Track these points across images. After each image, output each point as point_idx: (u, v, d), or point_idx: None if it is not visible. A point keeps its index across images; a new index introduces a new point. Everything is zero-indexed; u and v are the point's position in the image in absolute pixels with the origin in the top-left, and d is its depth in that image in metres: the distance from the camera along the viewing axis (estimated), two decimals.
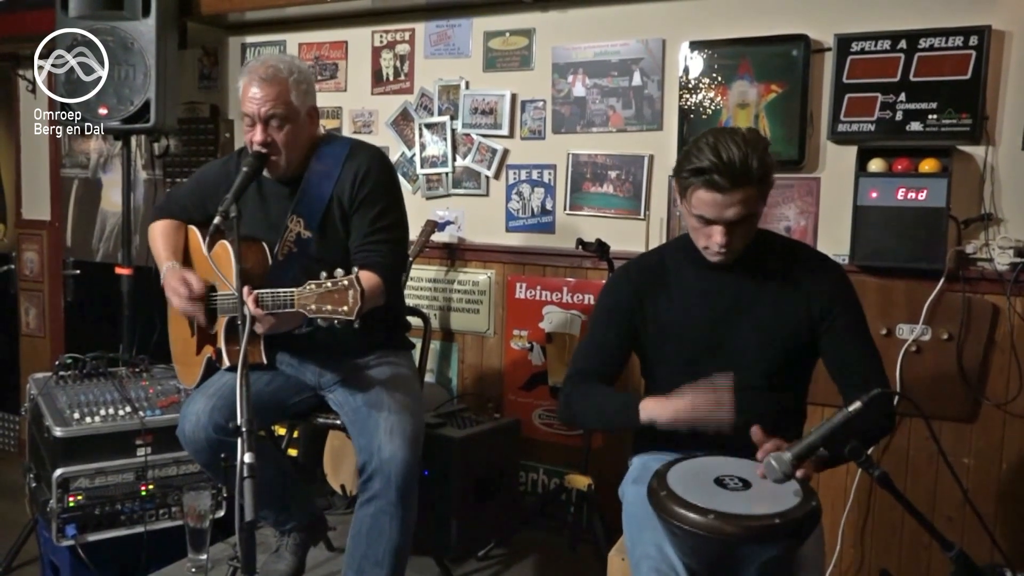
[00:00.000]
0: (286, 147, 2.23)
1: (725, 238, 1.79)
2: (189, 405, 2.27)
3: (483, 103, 3.29)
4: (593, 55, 3.08)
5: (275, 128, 2.21)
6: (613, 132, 3.07)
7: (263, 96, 2.18)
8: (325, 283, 1.88)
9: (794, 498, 1.57)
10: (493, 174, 3.30)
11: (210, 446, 2.21)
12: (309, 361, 2.40)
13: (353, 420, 2.28)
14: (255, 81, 2.20)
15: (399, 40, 3.49)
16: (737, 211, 1.76)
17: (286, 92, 2.20)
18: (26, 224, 4.67)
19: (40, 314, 4.64)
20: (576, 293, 3.17)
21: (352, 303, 1.84)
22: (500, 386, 3.37)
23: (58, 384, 3.01)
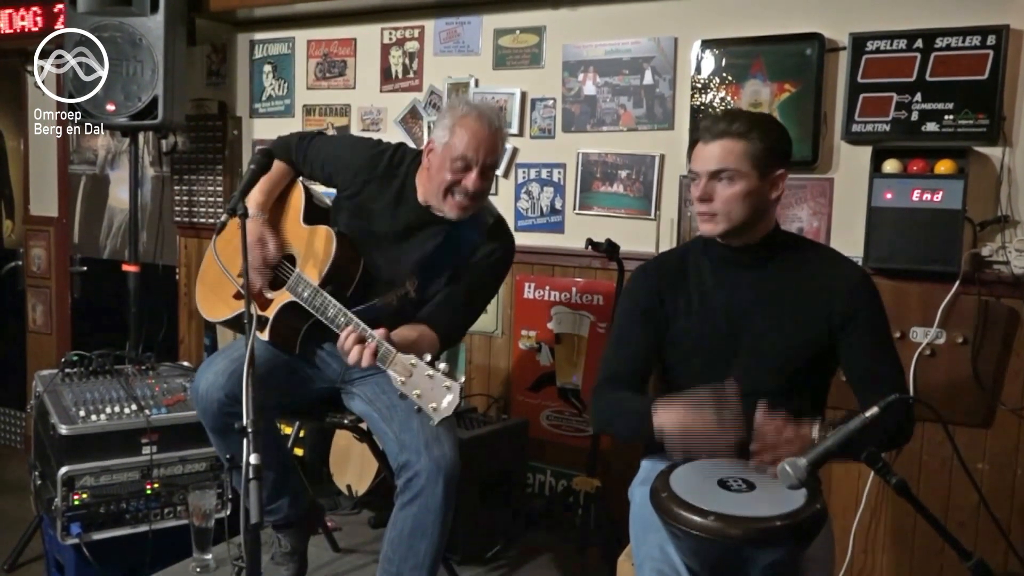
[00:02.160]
0: (483, 201, 2.26)
1: (703, 190, 1.81)
2: (209, 364, 2.26)
3: (492, 101, 3.28)
4: (604, 53, 3.07)
5: (488, 179, 2.22)
6: (624, 131, 3.05)
7: (492, 145, 2.18)
8: (429, 368, 1.83)
9: (799, 500, 1.55)
10: (502, 173, 3.29)
11: (219, 408, 2.19)
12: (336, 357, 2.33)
13: (391, 416, 2.23)
14: (486, 128, 2.18)
15: (408, 37, 3.48)
16: (714, 162, 1.79)
17: (502, 143, 2.24)
18: (34, 220, 4.69)
19: (47, 311, 4.65)
20: (585, 294, 3.16)
21: (445, 407, 1.81)
22: (508, 387, 3.35)
23: (64, 381, 3.01)
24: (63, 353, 3.83)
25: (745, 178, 1.80)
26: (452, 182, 2.19)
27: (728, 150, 1.78)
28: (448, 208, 2.22)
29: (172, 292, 4.15)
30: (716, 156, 1.80)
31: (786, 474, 1.53)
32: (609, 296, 3.07)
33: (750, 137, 1.79)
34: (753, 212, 1.83)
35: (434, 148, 2.23)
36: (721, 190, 1.80)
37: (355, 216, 2.33)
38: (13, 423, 4.79)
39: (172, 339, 4.12)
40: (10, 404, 4.76)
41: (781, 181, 1.84)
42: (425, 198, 2.27)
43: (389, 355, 1.92)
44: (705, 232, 1.86)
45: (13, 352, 4.75)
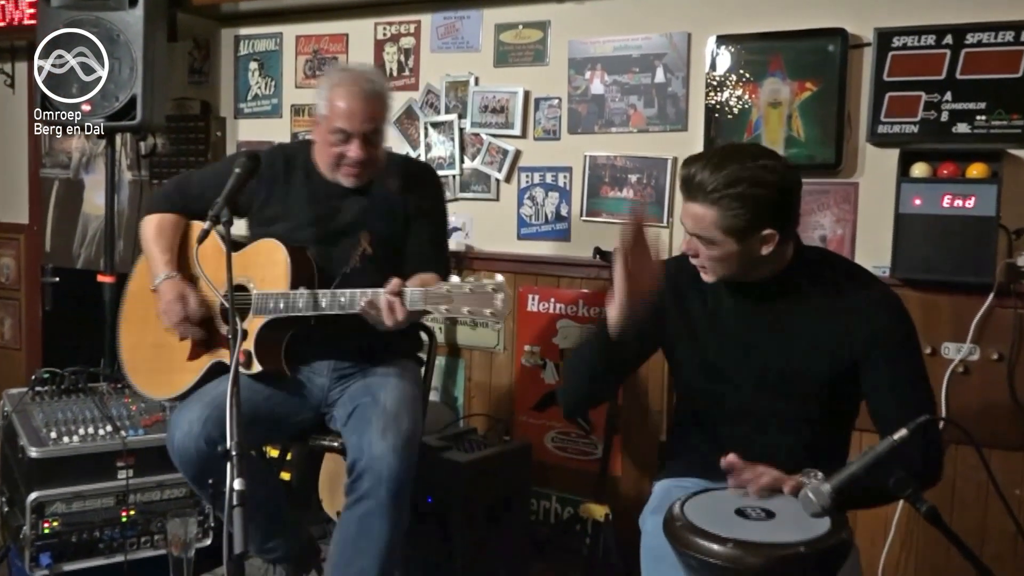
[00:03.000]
0: (377, 163, 2.38)
1: (688, 246, 1.82)
2: (182, 411, 2.29)
3: (493, 101, 3.30)
4: (612, 49, 3.08)
5: (373, 144, 2.33)
6: (634, 132, 3.07)
7: (369, 112, 2.30)
8: (464, 286, 1.97)
9: (823, 527, 1.55)
10: (504, 177, 3.30)
11: (200, 459, 2.22)
12: (317, 377, 2.44)
13: (349, 429, 2.31)
14: (358, 95, 2.29)
15: (404, 33, 3.50)
16: (690, 224, 1.78)
17: (384, 108, 2.37)
18: (3, 228, 4.71)
19: (16, 324, 4.66)
20: (593, 306, 3.16)
21: (502, 306, 1.94)
22: (510, 406, 3.36)
23: (34, 400, 3.01)
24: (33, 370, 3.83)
25: (719, 246, 1.76)
26: (337, 154, 2.33)
27: (700, 216, 1.74)
28: (342, 177, 2.38)
29: None
30: (688, 218, 1.78)
31: (808, 501, 1.53)
32: None
33: (721, 204, 1.70)
34: (744, 267, 1.80)
35: (317, 121, 2.39)
36: (703, 250, 1.80)
37: (278, 220, 2.42)
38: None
39: None
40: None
41: (771, 239, 1.76)
42: (327, 171, 2.41)
43: (418, 296, 2.05)
44: (704, 279, 1.86)
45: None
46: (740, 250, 1.75)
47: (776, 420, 1.85)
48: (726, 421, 1.91)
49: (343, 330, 2.27)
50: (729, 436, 1.89)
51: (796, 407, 1.84)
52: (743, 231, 1.73)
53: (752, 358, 1.87)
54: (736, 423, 1.89)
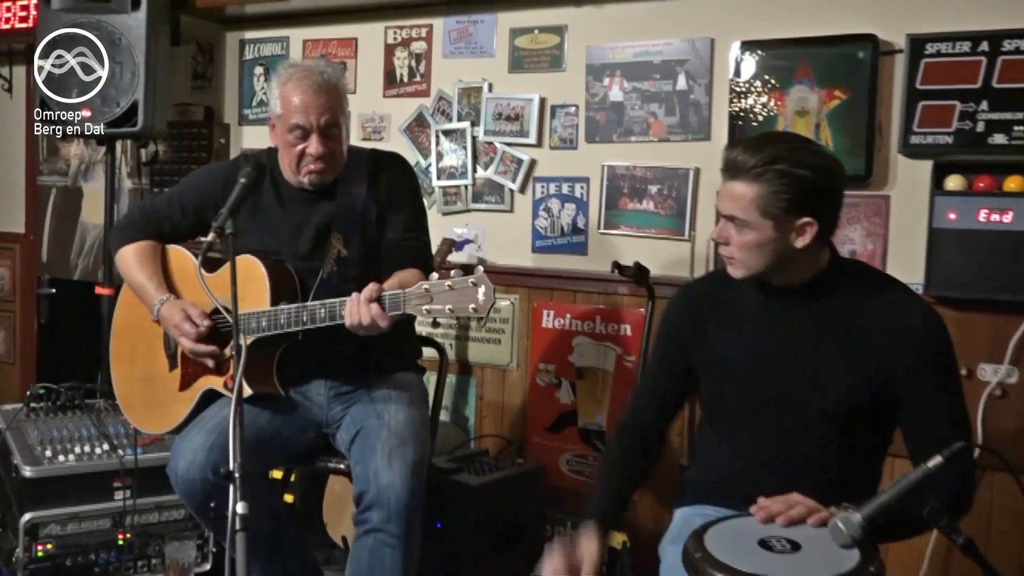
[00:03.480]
0: (340, 157, 2.38)
1: (719, 231, 1.82)
2: (184, 440, 2.29)
3: (508, 108, 3.31)
4: (632, 55, 3.09)
5: (331, 137, 2.33)
6: (654, 142, 3.07)
7: (323, 104, 2.30)
8: (443, 282, 1.96)
9: (852, 560, 1.54)
10: (518, 187, 3.31)
11: (205, 489, 2.22)
12: (315, 394, 2.44)
13: (352, 453, 2.32)
14: (309, 89, 2.30)
15: (415, 37, 3.52)
16: (726, 204, 1.78)
17: (340, 99, 2.36)
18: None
19: (10, 337, 4.69)
20: (611, 323, 3.16)
21: (484, 300, 1.93)
22: (523, 427, 3.35)
23: (28, 417, 3.03)
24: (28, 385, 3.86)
25: (755, 229, 1.75)
26: (298, 153, 2.34)
27: (739, 195, 1.74)
28: (304, 178, 2.38)
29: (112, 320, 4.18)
30: (726, 199, 1.78)
31: (838, 531, 1.52)
32: (638, 326, 3.08)
33: (763, 180, 1.71)
34: (775, 260, 1.79)
35: (273, 124, 2.39)
36: (735, 235, 1.79)
37: (251, 234, 2.42)
38: None
39: None
40: None
41: (808, 229, 1.75)
42: (290, 175, 2.42)
43: (398, 298, 2.05)
44: (732, 274, 1.86)
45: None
46: (775, 237, 1.75)
47: (803, 441, 1.83)
48: (750, 443, 1.90)
49: (333, 344, 2.27)
50: (753, 459, 1.88)
51: (825, 427, 1.83)
52: (782, 213, 1.73)
53: (779, 373, 1.86)
54: (761, 445, 1.88)
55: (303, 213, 2.43)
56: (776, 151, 1.72)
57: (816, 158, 1.76)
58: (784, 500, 1.70)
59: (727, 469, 1.93)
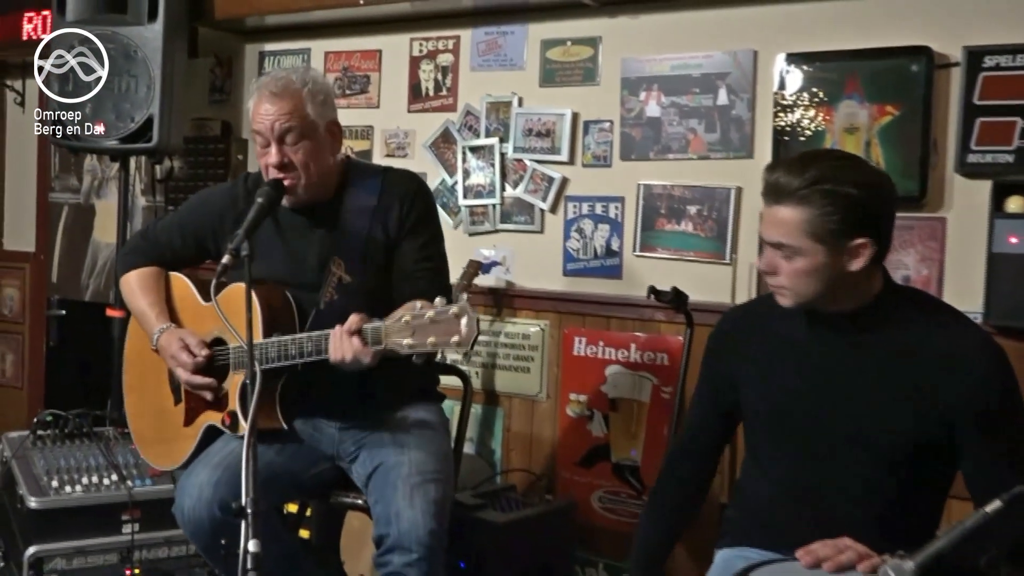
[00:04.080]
0: (305, 167, 2.31)
1: (764, 262, 1.81)
2: (189, 477, 2.30)
3: (538, 123, 3.32)
4: (670, 68, 3.09)
5: (291, 146, 2.29)
6: (693, 159, 3.07)
7: (276, 111, 2.27)
8: (424, 313, 1.93)
9: None
10: (549, 207, 3.32)
11: (213, 527, 2.22)
12: (325, 425, 2.43)
13: (371, 490, 2.31)
14: (265, 96, 2.29)
15: (441, 49, 3.55)
16: (772, 232, 1.76)
17: (300, 104, 2.29)
18: (7, 256, 4.83)
19: (18, 361, 4.76)
20: (646, 351, 3.15)
21: (467, 331, 1.89)
22: (553, 461, 3.34)
23: (35, 446, 3.06)
24: (35, 411, 3.91)
25: (806, 255, 1.73)
26: (263, 166, 2.32)
27: (785, 221, 1.72)
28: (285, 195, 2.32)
29: None
30: (771, 226, 1.76)
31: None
32: (675, 355, 3.06)
33: (809, 202, 1.69)
34: (829, 286, 1.77)
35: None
36: (784, 264, 1.77)
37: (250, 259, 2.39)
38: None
39: None
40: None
41: (863, 251, 1.73)
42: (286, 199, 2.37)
43: (379, 331, 2.02)
44: (783, 304, 1.84)
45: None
46: (828, 262, 1.73)
47: (853, 480, 1.81)
48: (794, 481, 1.88)
49: (335, 375, 2.23)
50: (797, 498, 1.86)
51: (877, 465, 1.80)
52: (833, 236, 1.71)
53: (825, 407, 1.84)
54: (806, 483, 1.86)
55: (302, 238, 2.40)
56: (820, 170, 1.71)
57: (863, 174, 1.75)
58: (832, 545, 1.68)
59: (770, 508, 1.91)
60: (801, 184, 1.70)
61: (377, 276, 2.37)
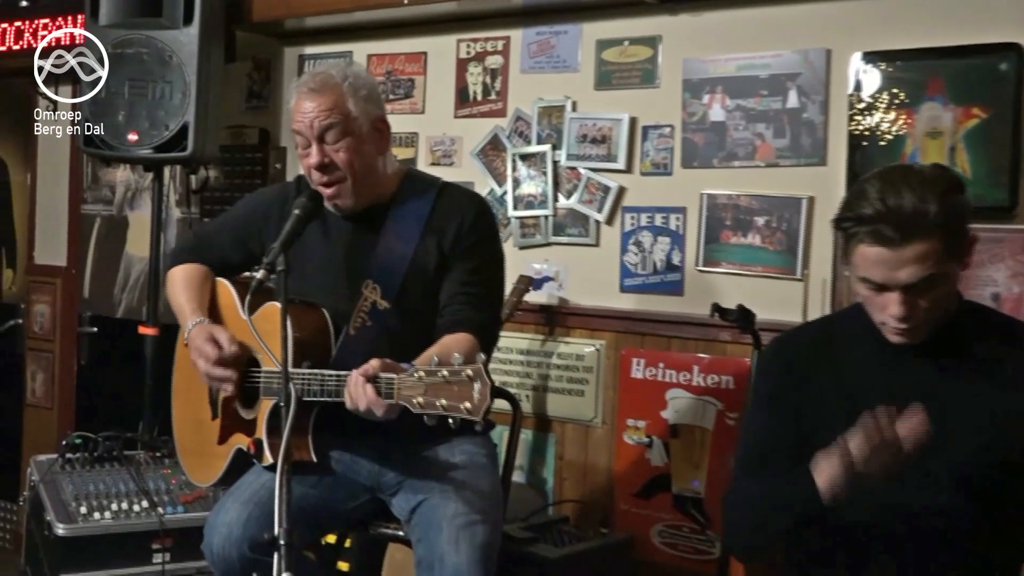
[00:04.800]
0: (349, 166, 2.30)
1: (903, 308, 1.75)
2: (218, 514, 2.31)
3: (594, 129, 3.32)
4: (735, 69, 3.08)
5: (332, 144, 2.28)
6: (761, 167, 3.04)
7: (315, 107, 2.27)
8: (439, 370, 1.89)
9: None
10: (605, 219, 3.31)
11: (243, 566, 2.23)
12: (364, 456, 2.42)
13: (413, 527, 2.30)
14: (303, 94, 2.30)
15: (490, 51, 3.56)
16: (913, 271, 1.72)
17: (341, 99, 2.28)
18: (38, 270, 4.93)
19: (48, 379, 4.85)
20: (710, 374, 3.13)
21: (479, 400, 1.85)
22: (609, 492, 3.32)
23: (63, 469, 3.12)
24: (65, 433, 3.98)
25: (948, 278, 1.76)
26: (306, 167, 2.31)
27: (923, 255, 1.70)
28: (325, 197, 2.32)
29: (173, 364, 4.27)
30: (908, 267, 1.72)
31: None
32: (742, 377, 3.03)
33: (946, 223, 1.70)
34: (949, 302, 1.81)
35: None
36: (928, 302, 1.76)
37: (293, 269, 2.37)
38: (2, 517, 4.97)
39: None
40: (0, 494, 4.95)
41: (972, 247, 1.80)
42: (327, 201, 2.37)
43: (392, 384, 1.98)
44: (901, 342, 1.81)
45: (7, 430, 4.95)
46: (956, 276, 1.78)
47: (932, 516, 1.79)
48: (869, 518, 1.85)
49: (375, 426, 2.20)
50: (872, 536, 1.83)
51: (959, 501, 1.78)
52: (961, 246, 1.76)
53: None
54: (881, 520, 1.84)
55: (342, 248, 2.39)
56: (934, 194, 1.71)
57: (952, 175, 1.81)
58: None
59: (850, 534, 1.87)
60: (938, 211, 1.69)
61: (421, 303, 2.33)
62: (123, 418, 3.62)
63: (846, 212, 1.77)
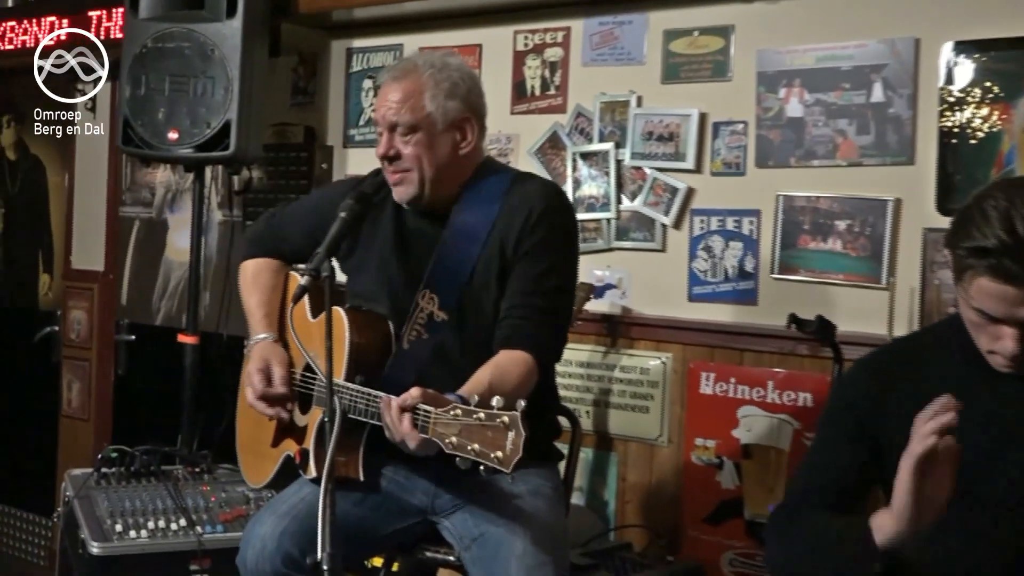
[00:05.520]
0: (416, 162, 2.29)
1: (1018, 345, 1.70)
2: (254, 526, 2.34)
3: (660, 126, 3.30)
4: (815, 60, 3.05)
5: (401, 137, 2.28)
6: (843, 166, 3.01)
7: (390, 96, 2.29)
8: (476, 412, 1.88)
9: None
10: (672, 222, 3.30)
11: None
12: (420, 474, 2.41)
13: (474, 558, 2.29)
14: (386, 80, 2.32)
15: (549, 43, 3.56)
16: None
17: (417, 91, 2.28)
18: (75, 275, 5.03)
19: (84, 390, 4.94)
20: (786, 390, 3.10)
21: (511, 450, 1.83)
22: (676, 516, 3.31)
23: (99, 485, 3.16)
24: (101, 445, 4.04)
25: None
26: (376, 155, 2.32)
27: None
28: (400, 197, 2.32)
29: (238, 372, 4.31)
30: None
31: None
32: (821, 394, 3.00)
33: None
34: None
35: None
36: None
37: (363, 270, 2.41)
38: (37, 533, 5.07)
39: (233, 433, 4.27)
40: (35, 508, 5.06)
41: None
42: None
43: (428, 420, 1.96)
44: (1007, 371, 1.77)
45: (42, 441, 5.06)
46: None
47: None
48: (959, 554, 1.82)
49: None
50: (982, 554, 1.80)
51: None
52: None
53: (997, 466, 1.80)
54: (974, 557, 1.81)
55: (405, 250, 2.38)
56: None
57: None
58: None
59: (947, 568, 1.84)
60: None
61: (483, 316, 2.30)
62: (161, 431, 3.67)
63: (963, 239, 1.69)
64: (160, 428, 3.77)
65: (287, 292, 2.58)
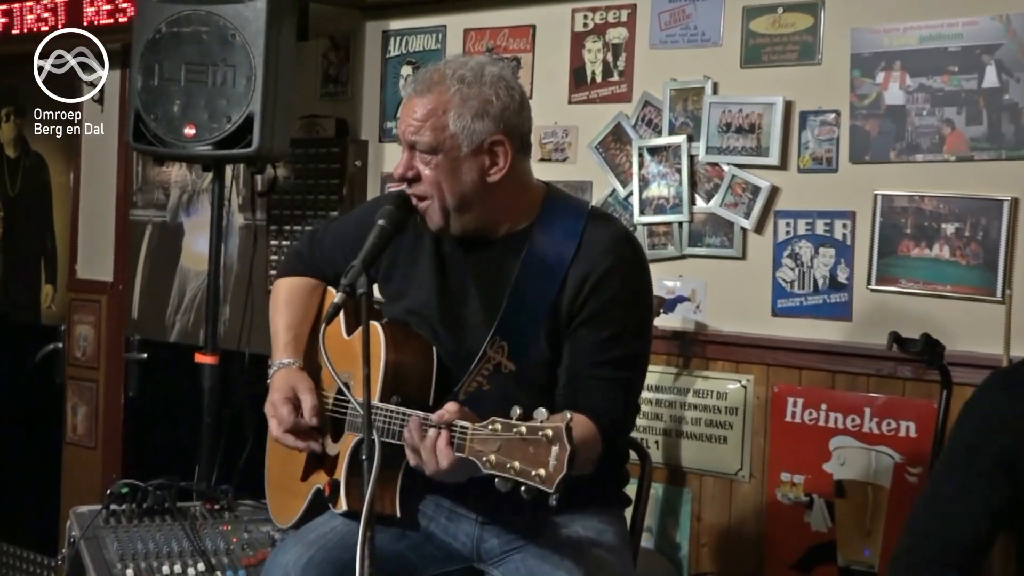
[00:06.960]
0: (434, 186, 2.28)
1: None
2: (278, 555, 2.36)
3: (740, 116, 3.30)
4: (918, 40, 3.04)
5: (420, 157, 2.27)
6: (951, 161, 2.99)
7: (411, 112, 2.27)
8: (518, 426, 1.88)
9: None
10: (753, 226, 3.29)
11: None
12: (464, 516, 2.42)
13: None
14: (409, 92, 2.32)
15: (612, 22, 3.56)
16: None
17: (442, 110, 2.24)
18: (81, 286, 5.08)
19: (91, 414, 4.98)
20: (886, 419, 3.08)
21: (554, 467, 1.82)
22: (758, 562, 3.30)
23: (108, 523, 3.18)
24: (110, 477, 4.07)
25: None
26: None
27: None
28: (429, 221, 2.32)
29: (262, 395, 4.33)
30: None
31: None
32: (927, 423, 2.98)
33: None
34: None
35: None
36: None
37: (401, 294, 2.40)
38: (39, 575, 5.12)
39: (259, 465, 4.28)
40: (37, 547, 5.12)
41: None
42: None
43: (464, 435, 1.96)
44: None
45: (45, 472, 5.11)
46: None
47: None
48: None
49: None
50: None
51: None
52: None
53: None
54: None
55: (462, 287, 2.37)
56: None
57: None
58: None
59: None
60: None
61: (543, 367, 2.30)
62: (176, 462, 3.69)
63: None
64: (175, 459, 3.80)
65: (322, 309, 2.60)
